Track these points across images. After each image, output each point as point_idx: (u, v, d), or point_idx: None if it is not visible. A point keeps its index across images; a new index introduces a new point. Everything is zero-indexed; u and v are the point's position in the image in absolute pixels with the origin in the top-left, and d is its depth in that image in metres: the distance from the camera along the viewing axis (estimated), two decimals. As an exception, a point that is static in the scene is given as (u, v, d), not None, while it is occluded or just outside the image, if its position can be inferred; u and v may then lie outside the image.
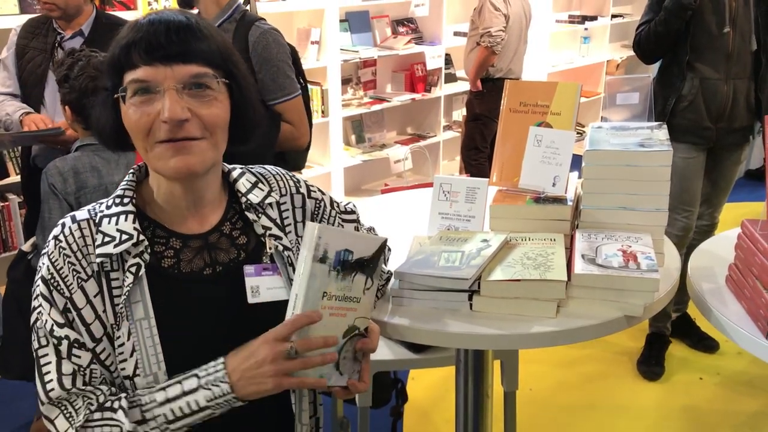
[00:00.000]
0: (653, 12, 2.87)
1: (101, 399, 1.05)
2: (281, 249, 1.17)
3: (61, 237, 1.08)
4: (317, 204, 1.28)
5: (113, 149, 1.15)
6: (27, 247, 2.14)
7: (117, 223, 1.08)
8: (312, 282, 1.03)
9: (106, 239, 1.07)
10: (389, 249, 1.46)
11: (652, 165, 1.45)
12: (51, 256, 1.07)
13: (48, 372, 1.05)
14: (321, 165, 4.75)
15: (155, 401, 1.04)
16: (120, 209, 1.10)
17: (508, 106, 1.66)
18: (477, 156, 4.57)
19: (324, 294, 1.05)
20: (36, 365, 1.06)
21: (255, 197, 1.18)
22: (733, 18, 2.76)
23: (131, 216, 1.09)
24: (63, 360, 1.05)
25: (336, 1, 4.47)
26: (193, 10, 2.65)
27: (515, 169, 1.59)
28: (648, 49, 2.93)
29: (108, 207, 1.11)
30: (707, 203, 3.10)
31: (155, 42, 1.03)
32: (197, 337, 1.10)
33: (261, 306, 1.13)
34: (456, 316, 1.32)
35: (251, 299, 1.13)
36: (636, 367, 3.16)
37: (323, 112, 4.57)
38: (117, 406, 1.04)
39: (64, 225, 1.09)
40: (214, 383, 1.03)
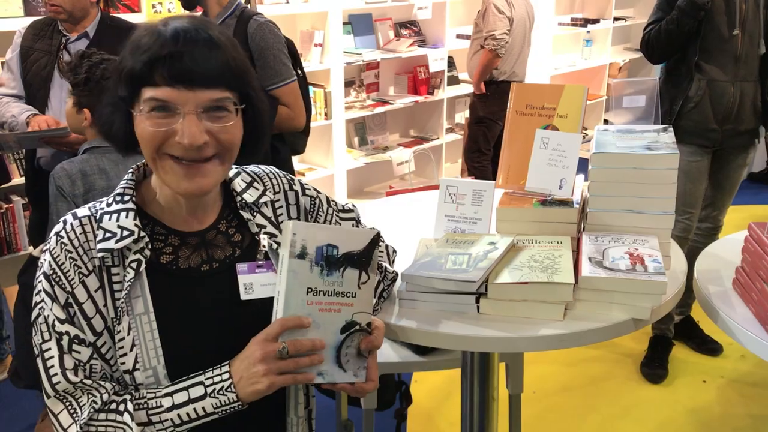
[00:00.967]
0: (662, 11, 2.87)
1: (105, 397, 1.06)
2: (275, 247, 1.19)
3: (63, 233, 1.09)
4: (313, 201, 1.29)
5: (123, 152, 1.15)
6: (37, 252, 2.13)
7: (118, 220, 1.10)
8: (292, 278, 1.04)
9: (107, 235, 1.08)
10: (395, 251, 1.46)
11: (659, 168, 1.45)
12: (53, 251, 1.08)
13: (52, 366, 1.06)
14: (324, 167, 4.75)
15: (162, 407, 1.05)
16: (121, 206, 1.11)
17: (514, 108, 1.66)
18: (480, 159, 4.57)
19: (309, 290, 1.06)
20: (40, 359, 1.07)
21: (250, 197, 1.20)
22: (743, 20, 2.76)
23: (132, 213, 1.11)
24: (65, 354, 1.06)
25: (339, 4, 4.48)
26: (197, 11, 2.68)
27: (522, 172, 1.59)
28: (658, 49, 2.90)
29: (108, 204, 1.12)
30: (712, 206, 3.10)
31: (180, 64, 1.02)
32: (195, 332, 1.11)
33: (255, 302, 1.15)
34: (463, 318, 1.32)
35: (244, 296, 1.14)
36: (639, 370, 3.16)
37: (326, 114, 4.57)
38: (123, 409, 1.05)
39: (65, 221, 1.11)
40: (221, 392, 1.05)
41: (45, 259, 1.09)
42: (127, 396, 1.06)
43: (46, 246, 1.10)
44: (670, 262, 1.49)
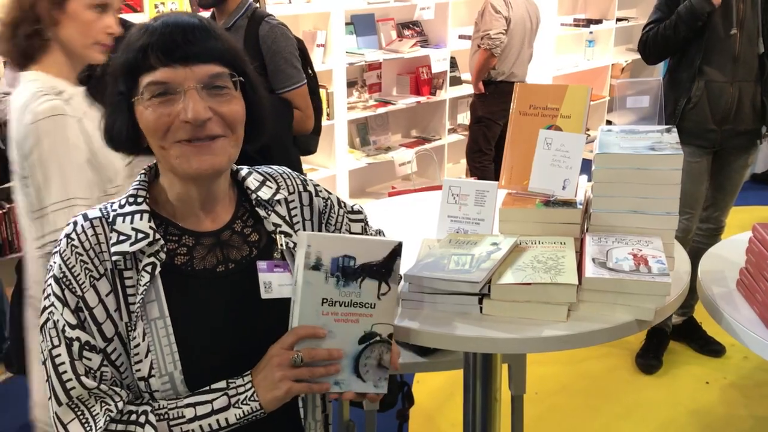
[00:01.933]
0: (661, 12, 2.87)
1: (120, 405, 1.04)
2: (291, 246, 1.18)
3: (74, 235, 1.07)
4: (325, 202, 1.28)
5: (128, 153, 1.14)
6: None
7: (132, 222, 1.08)
8: (306, 289, 1.04)
9: (121, 237, 1.07)
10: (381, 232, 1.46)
11: (663, 168, 1.45)
12: (63, 254, 1.06)
13: (65, 371, 1.03)
14: (326, 167, 4.75)
15: (183, 417, 1.04)
16: (134, 208, 1.10)
17: (517, 108, 1.66)
18: (481, 158, 4.57)
19: (324, 300, 1.05)
20: (50, 365, 1.04)
21: (264, 194, 1.20)
22: (741, 20, 2.75)
23: (146, 215, 1.09)
24: (75, 361, 1.04)
25: (342, 4, 4.48)
26: (207, 11, 2.70)
27: (525, 172, 1.58)
28: (654, 51, 2.92)
29: (121, 206, 1.10)
30: (714, 206, 3.09)
31: (173, 43, 1.03)
32: (211, 335, 1.10)
33: (273, 302, 1.13)
34: (466, 319, 1.32)
35: (264, 294, 1.13)
36: (634, 361, 3.17)
37: (328, 114, 4.57)
38: (144, 420, 1.03)
39: (76, 223, 1.08)
40: (244, 402, 1.05)
41: (55, 262, 1.06)
42: (147, 407, 1.04)
43: (55, 248, 1.08)
44: (673, 263, 1.49)
